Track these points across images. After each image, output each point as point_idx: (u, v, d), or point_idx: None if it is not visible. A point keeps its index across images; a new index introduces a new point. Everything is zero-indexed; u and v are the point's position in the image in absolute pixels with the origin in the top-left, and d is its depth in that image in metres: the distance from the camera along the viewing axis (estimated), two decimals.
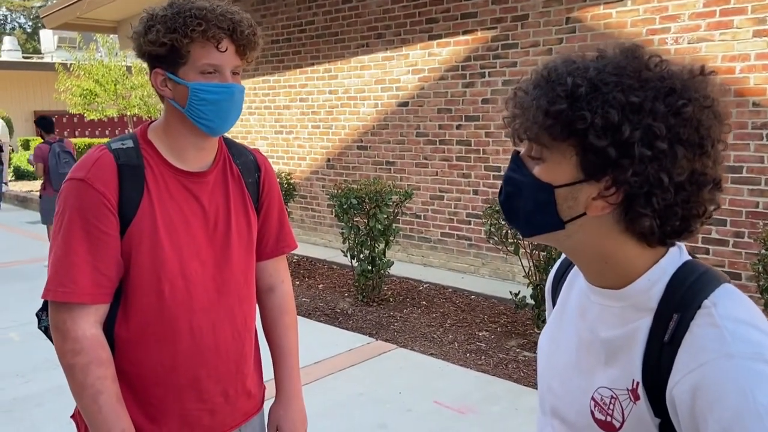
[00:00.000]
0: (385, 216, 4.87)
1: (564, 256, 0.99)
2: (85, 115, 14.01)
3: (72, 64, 13.52)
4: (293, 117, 7.28)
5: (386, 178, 6.29)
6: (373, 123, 6.42)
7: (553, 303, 0.99)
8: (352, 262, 5.09)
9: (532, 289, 4.14)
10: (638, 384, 0.76)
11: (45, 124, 6.35)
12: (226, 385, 1.32)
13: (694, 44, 4.33)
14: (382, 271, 4.99)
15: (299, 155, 7.28)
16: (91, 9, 8.26)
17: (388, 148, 6.33)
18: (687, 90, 0.73)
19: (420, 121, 6.01)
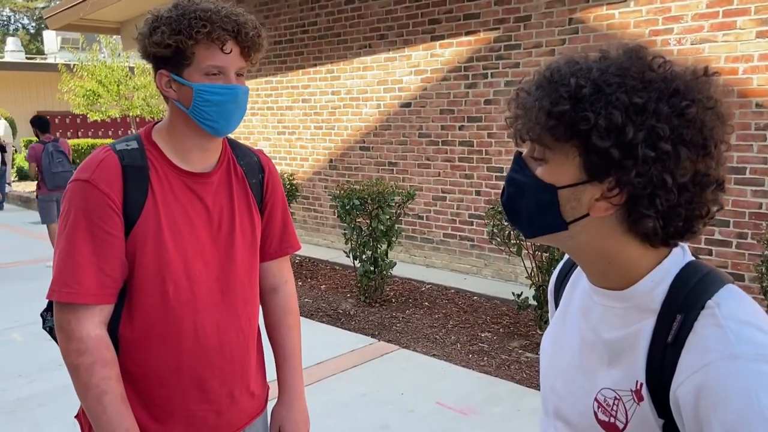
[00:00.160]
0: (388, 217, 4.87)
1: (566, 257, 0.99)
2: (88, 116, 14.04)
3: (75, 65, 13.56)
4: (296, 118, 7.28)
5: (389, 178, 6.29)
6: (376, 124, 6.43)
7: (556, 305, 0.99)
8: (354, 263, 5.09)
9: (535, 290, 4.14)
10: (642, 385, 0.76)
11: (40, 124, 6.45)
12: (231, 385, 1.32)
13: (697, 45, 4.32)
14: (385, 272, 4.99)
15: (302, 156, 7.28)
16: (95, 10, 8.28)
17: (390, 149, 6.33)
18: (690, 91, 0.73)
19: (422, 122, 6.01)
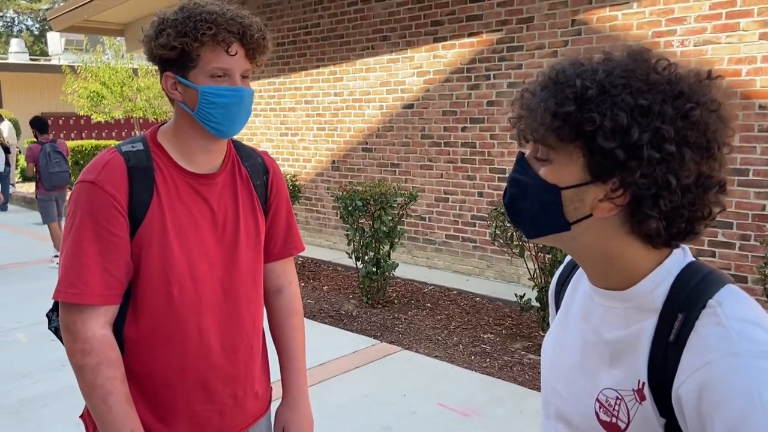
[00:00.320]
0: (390, 218, 4.88)
1: (566, 261, 1.00)
2: (91, 117, 14.07)
3: (79, 67, 13.59)
4: (298, 119, 7.30)
5: (391, 180, 6.30)
6: (378, 125, 6.44)
7: (557, 307, 0.99)
8: (356, 264, 5.09)
9: (537, 291, 4.13)
10: (644, 384, 0.76)
11: (39, 125, 6.55)
12: (235, 386, 1.32)
13: (700, 47, 4.32)
14: (387, 273, 4.99)
15: (304, 157, 7.29)
16: (98, 12, 8.31)
17: (392, 150, 6.34)
18: (695, 94, 0.74)
19: (425, 124, 6.01)
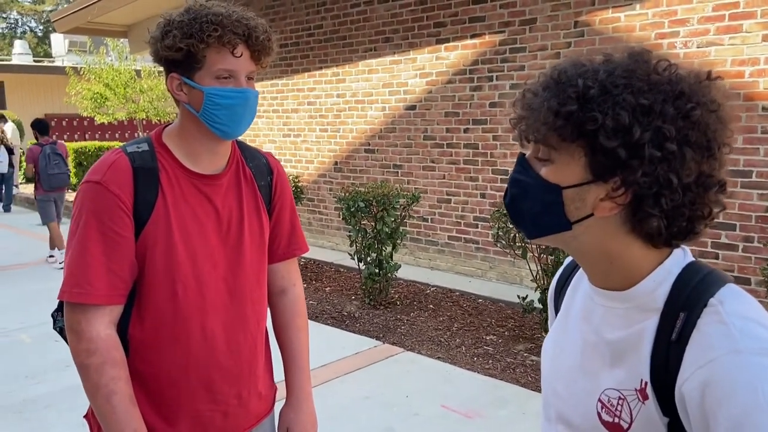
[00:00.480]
0: (393, 219, 4.88)
1: (565, 264, 1.00)
2: (95, 119, 14.11)
3: (82, 68, 13.63)
4: (301, 120, 7.31)
5: (393, 181, 6.30)
6: (381, 126, 6.44)
7: (556, 310, 1.00)
8: (359, 265, 5.10)
9: (540, 293, 4.13)
10: (646, 383, 0.77)
11: (40, 127, 6.69)
12: (240, 387, 1.33)
13: (703, 48, 4.32)
14: (389, 275, 4.99)
15: (307, 158, 7.30)
16: (102, 13, 8.34)
17: (395, 152, 6.34)
18: (695, 94, 0.75)
19: (427, 125, 6.02)
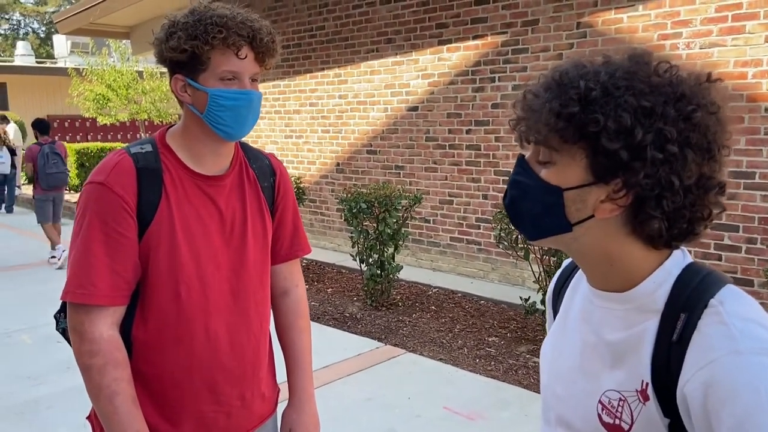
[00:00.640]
0: (395, 220, 4.88)
1: (563, 266, 1.01)
2: (97, 120, 14.14)
3: (85, 69, 13.66)
4: (303, 121, 7.31)
5: (395, 182, 6.30)
6: (383, 127, 6.44)
7: (554, 314, 1.00)
8: (361, 267, 5.10)
9: (542, 294, 4.12)
10: (647, 384, 0.77)
11: (41, 126, 6.83)
12: (243, 388, 1.33)
13: (706, 49, 4.31)
14: (391, 276, 4.99)
15: (309, 159, 7.30)
16: (104, 15, 8.36)
17: (397, 153, 6.34)
18: (695, 96, 0.75)
19: (430, 126, 6.02)
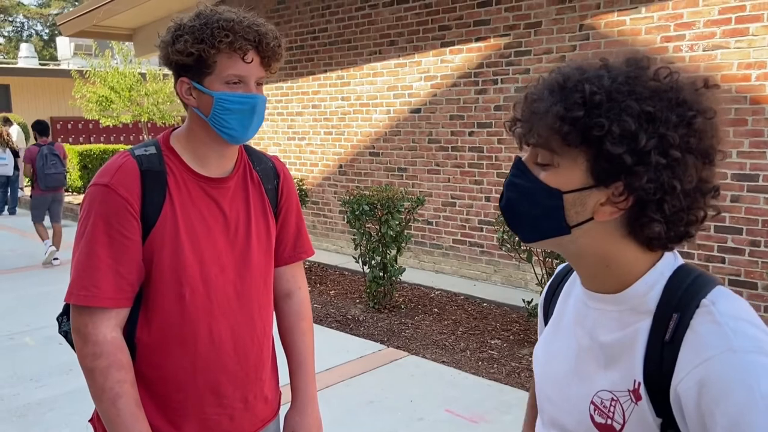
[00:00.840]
0: (397, 222, 4.88)
1: (556, 272, 1.02)
2: (100, 122, 14.18)
3: (88, 71, 13.71)
4: (306, 123, 7.32)
5: (398, 184, 6.30)
6: (386, 129, 6.44)
7: (546, 319, 1.01)
8: (363, 269, 5.09)
9: None
10: (640, 384, 0.77)
11: (40, 128, 6.88)
12: (246, 390, 1.33)
13: (710, 51, 4.30)
14: (394, 278, 4.98)
15: (311, 161, 7.31)
16: (108, 17, 8.38)
17: (400, 155, 6.34)
18: (695, 102, 0.76)
19: (432, 128, 6.02)
